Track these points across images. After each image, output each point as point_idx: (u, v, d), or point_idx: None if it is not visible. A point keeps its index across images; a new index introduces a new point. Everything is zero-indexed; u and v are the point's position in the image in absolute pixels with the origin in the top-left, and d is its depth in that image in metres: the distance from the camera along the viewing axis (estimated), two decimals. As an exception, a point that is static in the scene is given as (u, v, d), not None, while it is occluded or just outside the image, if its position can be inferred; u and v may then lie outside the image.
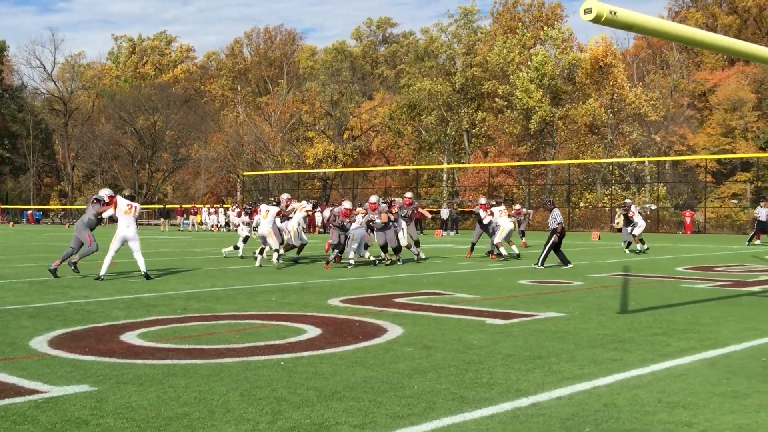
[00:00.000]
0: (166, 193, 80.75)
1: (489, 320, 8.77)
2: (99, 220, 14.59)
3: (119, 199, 14.01)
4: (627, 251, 22.49)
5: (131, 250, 13.81)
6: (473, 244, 20.61)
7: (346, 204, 17.78)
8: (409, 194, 20.35)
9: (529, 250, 23.30)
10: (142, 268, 13.69)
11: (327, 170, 67.03)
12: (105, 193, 14.88)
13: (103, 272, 13.52)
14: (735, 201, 54.03)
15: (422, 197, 59.01)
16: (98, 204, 14.45)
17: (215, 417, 4.77)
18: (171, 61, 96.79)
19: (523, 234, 26.17)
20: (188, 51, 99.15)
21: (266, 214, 17.89)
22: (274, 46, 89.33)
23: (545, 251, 16.77)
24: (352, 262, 16.99)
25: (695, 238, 38.99)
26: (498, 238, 19.65)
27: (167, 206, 55.09)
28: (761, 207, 30.02)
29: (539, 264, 16.63)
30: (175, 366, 6.24)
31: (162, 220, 50.58)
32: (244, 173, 69.86)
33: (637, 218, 22.97)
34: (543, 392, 5.41)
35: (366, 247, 17.75)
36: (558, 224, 16.88)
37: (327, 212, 18.50)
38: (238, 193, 73.41)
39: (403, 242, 18.48)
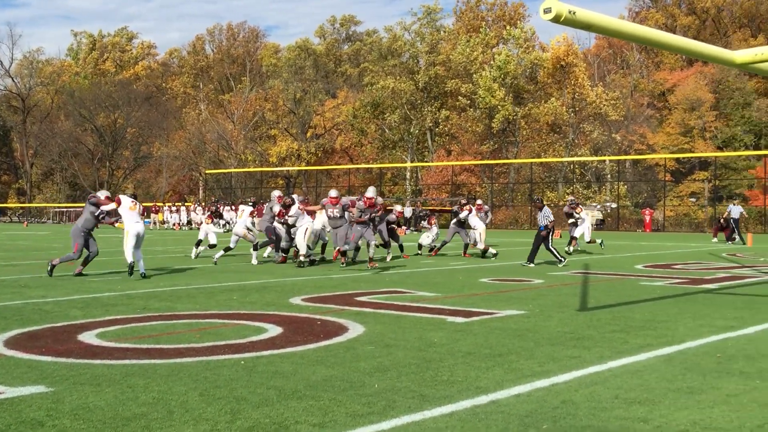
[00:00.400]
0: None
1: (450, 318, 8.81)
2: (97, 219, 14.36)
3: (122, 197, 14.12)
4: (589, 246, 22.51)
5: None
6: (445, 243, 20.51)
7: (369, 193, 16.63)
8: (371, 190, 19.71)
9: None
10: (141, 269, 13.88)
11: (290, 168, 66.87)
12: (102, 194, 14.75)
13: (131, 259, 13.81)
14: (693, 200, 54.87)
15: (386, 196, 59.08)
16: (95, 199, 14.31)
17: (174, 417, 4.74)
18: (132, 57, 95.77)
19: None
20: (150, 48, 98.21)
21: (241, 214, 17.89)
22: (236, 44, 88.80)
23: (552, 249, 17.23)
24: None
25: (654, 236, 39.52)
26: (481, 243, 19.63)
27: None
28: (733, 205, 30.48)
29: (561, 261, 17.09)
30: (133, 366, 6.18)
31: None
32: (207, 171, 69.42)
33: (583, 218, 21.92)
34: (502, 390, 5.45)
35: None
36: (550, 222, 17.20)
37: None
38: (201, 191, 72.93)
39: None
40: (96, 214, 14.27)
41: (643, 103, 63.76)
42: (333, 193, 16.77)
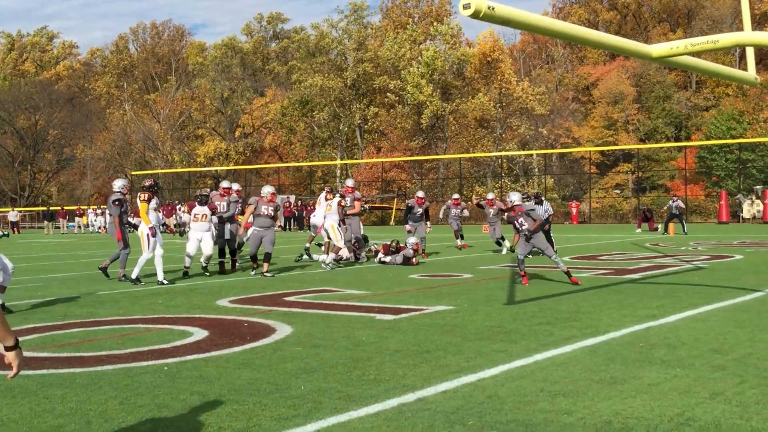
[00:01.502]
0: (51, 195, 77.95)
1: (379, 316, 8.79)
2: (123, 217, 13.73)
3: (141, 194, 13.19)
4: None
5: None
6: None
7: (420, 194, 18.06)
8: (350, 182, 18.25)
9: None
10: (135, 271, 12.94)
11: (218, 168, 66.07)
12: (120, 185, 14.22)
13: (160, 277, 12.91)
14: (618, 191, 56.09)
15: (316, 194, 58.83)
16: (118, 206, 13.66)
17: (92, 428, 4.59)
18: (53, 57, 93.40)
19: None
20: (71, 47, 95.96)
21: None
22: (161, 42, 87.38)
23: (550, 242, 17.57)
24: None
25: (581, 228, 40.26)
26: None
27: (51, 208, 53.22)
28: (672, 201, 29.64)
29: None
30: (51, 376, 5.98)
31: (46, 223, 48.89)
32: (133, 173, 68.10)
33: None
34: (429, 387, 5.44)
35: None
36: (549, 215, 17.89)
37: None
38: (127, 194, 71.48)
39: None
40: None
41: (568, 98, 64.91)
42: (269, 189, 15.03)
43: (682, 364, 6.03)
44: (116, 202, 13.80)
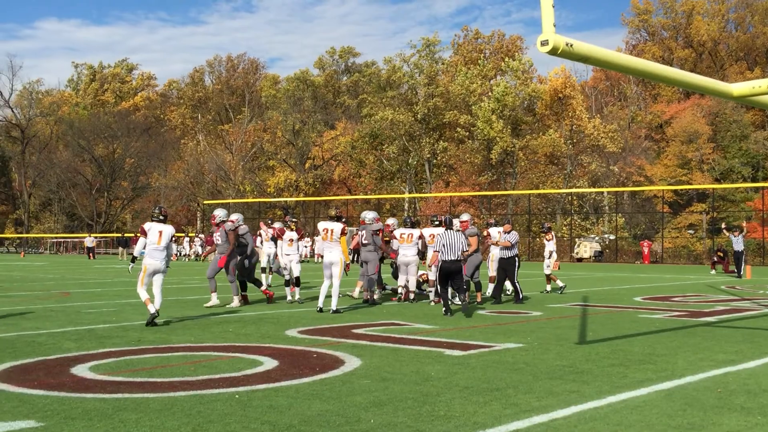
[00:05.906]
0: (125, 222, 79.93)
1: (447, 351, 8.72)
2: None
3: (147, 225, 11.50)
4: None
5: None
6: None
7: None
8: (466, 216, 16.82)
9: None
10: (153, 307, 11.14)
11: (288, 199, 66.90)
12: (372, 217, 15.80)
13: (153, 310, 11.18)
14: (691, 231, 54.86)
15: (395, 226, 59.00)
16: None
17: (165, 453, 4.65)
18: (132, 88, 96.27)
19: None
20: (149, 79, 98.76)
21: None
22: (236, 75, 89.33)
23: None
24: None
25: (653, 267, 39.42)
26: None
27: (125, 235, 54.53)
28: (734, 236, 27.78)
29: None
30: (126, 400, 6.09)
31: (120, 249, 50.12)
32: (205, 202, 69.43)
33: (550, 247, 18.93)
34: (500, 425, 5.36)
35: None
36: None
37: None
38: (199, 222, 72.88)
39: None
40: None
41: (640, 135, 64.02)
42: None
43: (764, 411, 5.82)
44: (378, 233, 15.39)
